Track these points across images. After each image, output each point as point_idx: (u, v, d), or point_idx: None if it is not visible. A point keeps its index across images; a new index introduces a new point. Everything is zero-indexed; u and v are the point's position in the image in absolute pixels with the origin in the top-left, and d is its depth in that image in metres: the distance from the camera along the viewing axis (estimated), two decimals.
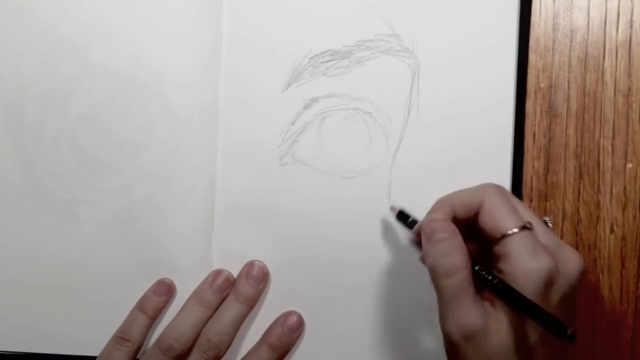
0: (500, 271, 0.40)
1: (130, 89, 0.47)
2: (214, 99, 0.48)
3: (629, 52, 0.48)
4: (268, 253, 0.48)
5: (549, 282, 0.39)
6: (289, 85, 0.47)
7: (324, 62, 0.47)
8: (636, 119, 0.48)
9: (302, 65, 0.47)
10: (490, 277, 0.40)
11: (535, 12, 0.48)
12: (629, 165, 0.48)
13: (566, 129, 0.48)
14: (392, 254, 0.48)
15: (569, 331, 0.37)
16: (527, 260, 0.39)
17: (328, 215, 0.48)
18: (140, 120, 0.48)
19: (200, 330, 0.47)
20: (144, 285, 0.48)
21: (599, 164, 0.48)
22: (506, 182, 0.47)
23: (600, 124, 0.48)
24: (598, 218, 0.49)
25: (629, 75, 0.48)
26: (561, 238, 0.49)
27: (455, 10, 0.47)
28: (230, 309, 0.47)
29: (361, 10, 0.47)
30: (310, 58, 0.47)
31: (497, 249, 0.41)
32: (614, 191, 0.48)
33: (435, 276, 0.41)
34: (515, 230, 0.40)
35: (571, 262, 0.41)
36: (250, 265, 0.48)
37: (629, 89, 0.48)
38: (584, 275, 0.41)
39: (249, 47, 0.47)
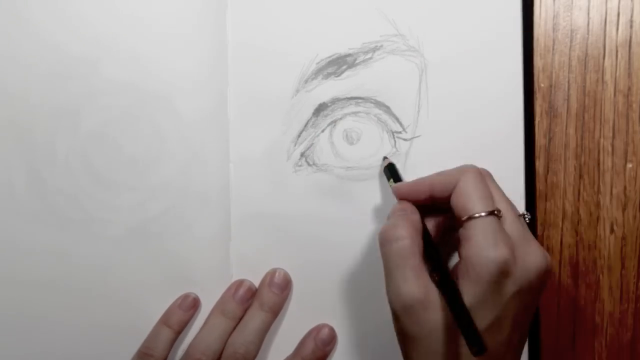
0: (460, 256, 0.39)
1: (139, 103, 0.47)
2: (223, 110, 0.47)
3: (629, 52, 0.48)
4: (286, 260, 0.48)
5: (503, 273, 0.38)
6: (297, 91, 0.47)
7: (331, 66, 0.47)
8: (636, 119, 0.48)
9: (310, 70, 0.47)
10: (430, 252, 0.40)
11: (535, 12, 0.48)
12: (629, 165, 0.48)
13: (566, 129, 0.48)
14: None
15: (475, 349, 0.36)
16: (485, 247, 0.38)
17: (344, 218, 0.48)
18: (151, 135, 0.47)
19: (226, 342, 0.46)
20: (164, 299, 0.48)
21: (599, 164, 0.48)
22: (519, 177, 0.47)
23: (600, 124, 0.48)
24: (598, 218, 0.49)
25: (629, 75, 0.48)
26: (561, 238, 0.49)
27: (459, 6, 0.47)
28: (255, 318, 0.46)
29: (365, 12, 0.47)
30: (317, 63, 0.47)
31: (461, 231, 0.40)
32: (614, 191, 0.48)
33: (379, 244, 0.41)
34: (482, 214, 0.39)
35: (533, 257, 0.39)
36: (272, 273, 0.48)
37: (629, 89, 0.48)
38: (548, 275, 0.40)
39: (255, 56, 0.47)
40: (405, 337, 0.40)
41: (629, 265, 0.49)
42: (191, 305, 0.47)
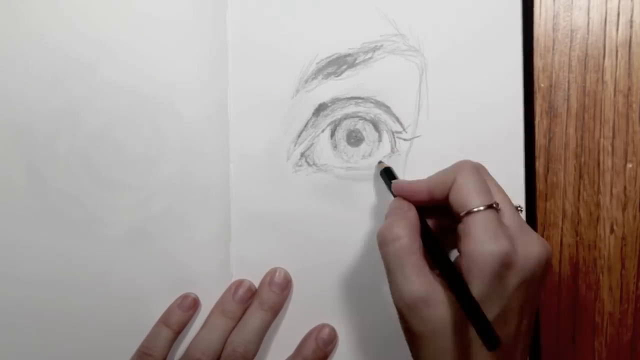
0: (460, 251, 0.39)
1: (139, 104, 0.47)
2: (223, 110, 0.47)
3: (629, 52, 0.48)
4: (286, 260, 0.48)
5: (505, 265, 0.38)
6: (297, 91, 0.47)
7: (331, 66, 0.47)
8: (636, 119, 0.48)
9: (310, 70, 0.47)
10: (432, 250, 0.40)
11: (535, 12, 0.48)
12: (629, 165, 0.48)
13: (566, 129, 0.48)
14: None
15: (489, 343, 0.35)
16: (486, 241, 0.37)
17: (344, 219, 0.48)
18: (151, 135, 0.47)
19: (226, 341, 0.46)
20: (164, 299, 0.47)
21: (599, 164, 0.48)
22: (519, 177, 0.47)
23: (600, 124, 0.48)
24: (598, 218, 0.49)
25: (629, 75, 0.48)
26: (561, 238, 0.49)
27: (459, 6, 0.47)
28: (255, 318, 0.46)
29: (365, 12, 0.47)
30: (317, 63, 0.47)
31: (460, 227, 0.39)
32: (614, 191, 0.48)
33: (378, 246, 0.40)
34: (481, 208, 0.39)
35: (534, 247, 0.39)
36: (273, 272, 0.48)
37: (629, 89, 0.48)
38: (549, 264, 0.40)
39: (255, 56, 0.47)
40: (412, 337, 0.40)
41: (629, 265, 0.49)
42: (191, 305, 0.47)
